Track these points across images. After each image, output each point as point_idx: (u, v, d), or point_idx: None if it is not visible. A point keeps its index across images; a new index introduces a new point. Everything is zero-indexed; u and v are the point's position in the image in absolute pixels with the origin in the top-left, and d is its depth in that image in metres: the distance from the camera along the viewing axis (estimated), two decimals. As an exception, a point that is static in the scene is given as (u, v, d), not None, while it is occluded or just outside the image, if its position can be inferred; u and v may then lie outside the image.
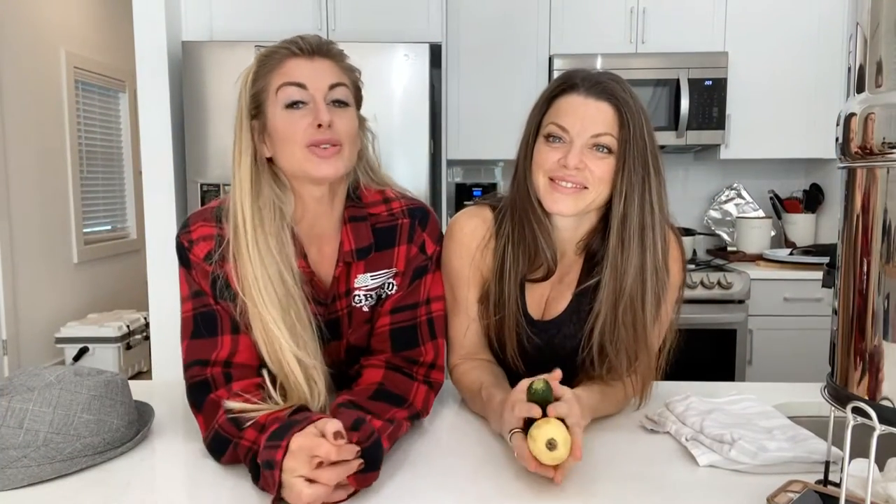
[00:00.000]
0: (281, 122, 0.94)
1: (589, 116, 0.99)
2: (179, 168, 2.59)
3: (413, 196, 1.10)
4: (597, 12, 2.83)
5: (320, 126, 0.93)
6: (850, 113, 0.65)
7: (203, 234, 0.97)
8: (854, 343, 0.66)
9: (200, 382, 0.94)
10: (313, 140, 0.94)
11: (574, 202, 1.01)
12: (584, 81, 1.01)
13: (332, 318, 1.04)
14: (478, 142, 2.87)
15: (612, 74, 1.03)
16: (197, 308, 0.97)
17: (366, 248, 1.02)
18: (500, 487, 0.83)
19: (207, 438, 0.90)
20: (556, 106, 1.02)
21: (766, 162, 3.15)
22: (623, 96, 1.00)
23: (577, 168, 0.99)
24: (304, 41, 0.96)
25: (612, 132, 0.99)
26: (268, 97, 0.96)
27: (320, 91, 0.95)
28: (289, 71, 0.95)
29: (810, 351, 2.56)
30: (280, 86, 0.95)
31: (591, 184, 1.00)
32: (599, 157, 1.00)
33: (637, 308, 1.01)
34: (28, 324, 3.62)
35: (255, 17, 2.63)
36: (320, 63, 0.97)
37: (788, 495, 0.77)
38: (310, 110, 0.94)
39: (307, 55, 0.96)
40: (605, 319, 1.02)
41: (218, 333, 0.95)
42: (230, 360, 0.94)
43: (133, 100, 4.53)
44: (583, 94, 1.00)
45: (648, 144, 1.00)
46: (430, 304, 1.07)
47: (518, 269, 1.08)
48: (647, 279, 1.01)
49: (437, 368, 1.06)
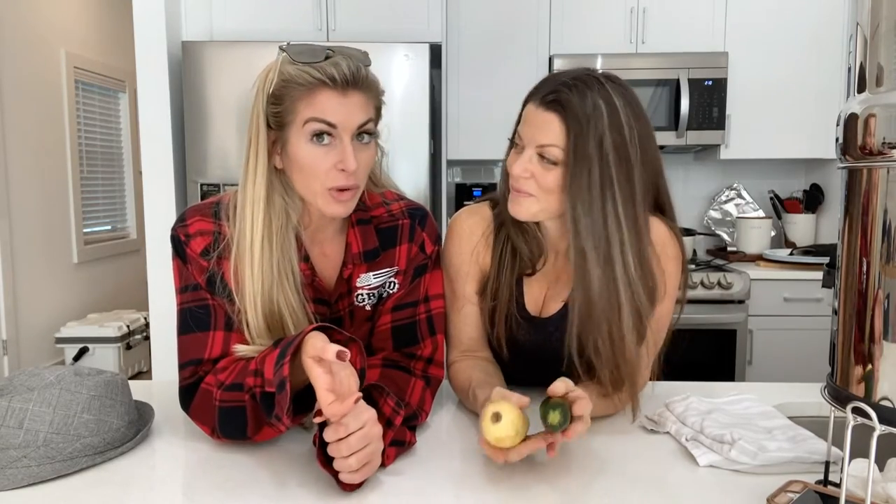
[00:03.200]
0: (305, 156, 0.91)
1: (535, 126, 0.98)
2: (179, 168, 2.59)
3: (410, 199, 1.11)
4: (597, 12, 2.83)
5: (343, 171, 0.92)
6: (850, 113, 0.65)
7: (200, 229, 0.97)
8: (854, 343, 0.66)
9: (193, 384, 0.94)
10: (335, 185, 0.92)
11: (525, 209, 1.01)
12: (543, 88, 0.99)
13: (335, 317, 1.04)
14: (478, 142, 2.88)
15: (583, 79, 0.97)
16: (191, 301, 0.97)
17: (373, 251, 1.04)
18: (500, 487, 0.83)
19: (215, 422, 0.91)
20: (523, 113, 1.03)
21: (766, 162, 3.15)
22: (576, 108, 0.94)
23: (522, 176, 0.99)
24: (338, 71, 0.89)
25: (557, 143, 0.96)
26: (292, 122, 0.91)
27: (349, 131, 0.91)
28: (319, 105, 0.90)
29: (810, 351, 2.56)
30: (308, 120, 0.90)
31: (536, 192, 0.99)
32: (546, 167, 0.98)
33: (613, 320, 0.98)
34: (28, 324, 3.63)
35: (255, 17, 2.63)
36: (353, 98, 0.91)
37: (788, 495, 0.77)
38: (335, 149, 0.91)
39: (341, 89, 0.90)
40: (580, 331, 1.00)
41: (210, 328, 0.96)
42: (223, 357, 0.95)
43: (133, 100, 4.53)
44: (535, 103, 0.98)
45: (610, 154, 0.94)
46: (430, 301, 1.08)
47: (515, 261, 1.10)
48: (620, 292, 0.97)
49: (436, 363, 1.06)
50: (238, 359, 0.94)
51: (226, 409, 0.90)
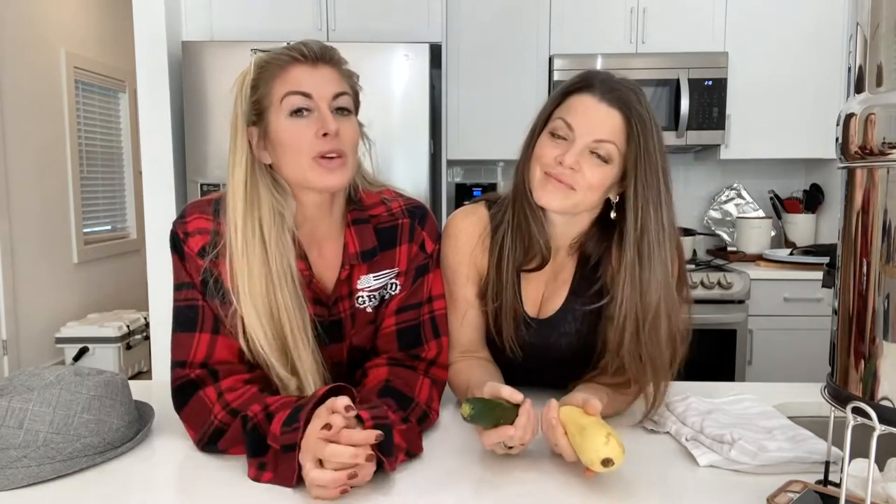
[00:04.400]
0: (286, 131, 0.93)
1: (597, 120, 0.98)
2: (179, 168, 2.59)
3: (410, 196, 1.10)
4: (597, 12, 2.83)
5: (326, 135, 0.92)
6: (849, 113, 0.65)
7: (199, 227, 0.97)
8: (854, 343, 0.66)
9: (184, 385, 0.94)
10: (320, 151, 0.93)
11: (560, 200, 1.01)
12: (602, 84, 0.99)
13: (334, 319, 1.04)
14: (478, 142, 2.87)
15: (633, 84, 1.01)
16: (183, 300, 0.97)
17: (370, 251, 1.03)
18: (500, 487, 0.83)
19: (205, 436, 0.91)
20: (568, 102, 1.01)
21: (766, 162, 3.15)
22: (638, 108, 0.98)
23: (571, 168, 0.98)
24: (307, 48, 0.94)
25: (615, 141, 0.98)
26: (270, 105, 0.94)
27: (325, 100, 0.94)
28: (293, 79, 0.93)
29: (810, 351, 2.56)
30: (285, 95, 0.93)
31: (579, 187, 0.99)
32: (596, 163, 0.98)
33: (659, 322, 1.00)
34: (28, 324, 3.62)
35: (255, 17, 2.63)
36: (324, 71, 0.95)
37: (788, 495, 0.77)
38: (315, 119, 0.93)
39: (311, 62, 0.94)
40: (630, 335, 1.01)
41: (197, 330, 0.96)
42: (207, 362, 0.95)
43: (133, 100, 4.53)
44: (597, 97, 0.98)
45: (660, 161, 0.99)
46: (433, 302, 1.07)
47: (515, 256, 1.08)
48: (664, 294, 1.00)
49: (439, 366, 1.06)
50: (247, 380, 0.94)
51: (223, 430, 0.90)
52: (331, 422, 0.78)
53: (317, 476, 0.76)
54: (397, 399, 0.95)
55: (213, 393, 0.92)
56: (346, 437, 0.78)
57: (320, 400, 0.84)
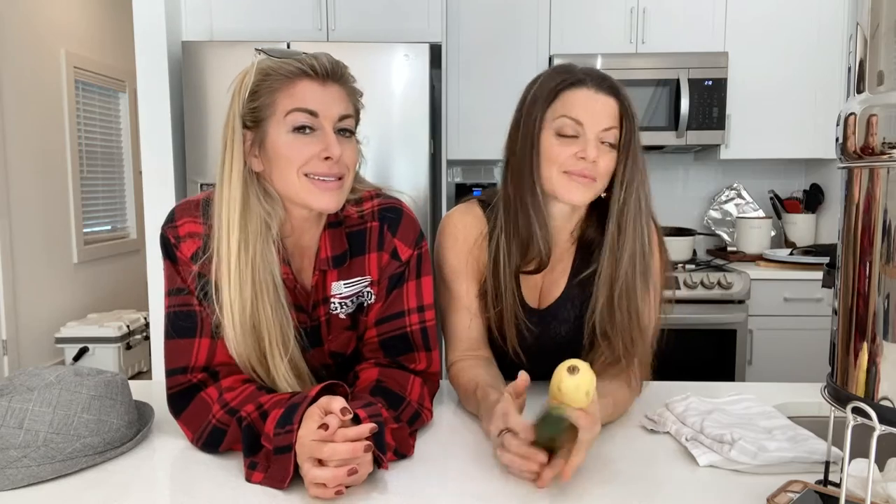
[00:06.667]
0: (286, 146, 0.90)
1: (599, 111, 1.02)
2: (179, 168, 2.59)
3: (389, 194, 1.06)
4: (597, 12, 2.83)
5: (328, 158, 0.91)
6: (850, 113, 0.65)
7: (190, 231, 0.95)
8: (854, 343, 0.66)
9: (183, 391, 0.94)
10: (319, 172, 0.91)
11: (584, 193, 1.04)
12: (590, 76, 1.04)
13: (314, 324, 1.03)
14: (478, 142, 2.87)
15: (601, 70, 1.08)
16: (178, 306, 0.95)
17: (341, 256, 1.00)
18: (499, 488, 0.83)
19: (203, 434, 0.91)
20: (563, 100, 1.03)
21: (766, 162, 3.15)
22: (623, 92, 1.05)
23: (593, 160, 1.02)
24: (318, 63, 0.91)
25: (616, 126, 1.03)
26: (272, 115, 0.91)
27: (330, 120, 0.91)
28: (300, 94, 0.90)
29: (810, 351, 2.56)
30: (291, 110, 0.90)
31: (599, 176, 1.04)
32: (606, 150, 1.03)
33: (631, 291, 1.05)
34: (28, 324, 3.62)
35: (255, 17, 2.63)
36: (332, 89, 0.92)
37: (788, 495, 0.77)
38: (318, 138, 0.91)
39: (321, 79, 0.91)
40: (602, 303, 1.06)
41: (196, 335, 0.94)
42: (208, 366, 0.94)
43: (133, 100, 4.53)
44: (592, 89, 1.03)
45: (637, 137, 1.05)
46: (424, 312, 1.03)
47: (512, 261, 1.09)
48: (636, 263, 1.05)
49: (430, 375, 1.04)
50: (246, 379, 0.94)
51: (220, 429, 0.90)
52: (327, 422, 0.77)
53: (318, 474, 0.76)
54: (388, 398, 0.94)
55: (214, 392, 0.92)
56: (341, 436, 0.77)
57: (314, 399, 0.83)
